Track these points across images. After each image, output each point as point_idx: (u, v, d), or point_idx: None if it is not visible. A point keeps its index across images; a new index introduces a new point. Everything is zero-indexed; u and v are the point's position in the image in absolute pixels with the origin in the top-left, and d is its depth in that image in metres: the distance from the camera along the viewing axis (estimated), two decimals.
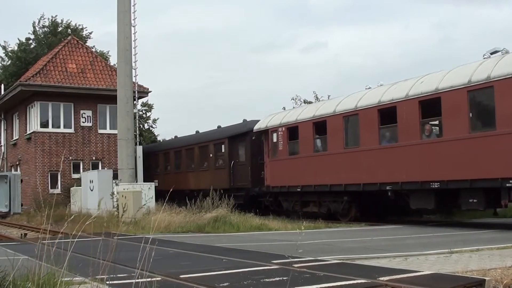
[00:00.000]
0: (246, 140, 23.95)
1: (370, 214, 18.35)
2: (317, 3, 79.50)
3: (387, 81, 18.01)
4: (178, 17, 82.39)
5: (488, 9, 67.35)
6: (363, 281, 6.08)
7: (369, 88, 18.25)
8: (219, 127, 27.69)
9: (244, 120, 25.29)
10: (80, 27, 44.14)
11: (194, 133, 30.49)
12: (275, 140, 21.75)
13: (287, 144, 21.11)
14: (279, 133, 21.47)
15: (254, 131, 22.97)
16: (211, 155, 26.06)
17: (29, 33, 43.41)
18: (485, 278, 6.02)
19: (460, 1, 69.68)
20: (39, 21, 43.57)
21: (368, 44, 71.05)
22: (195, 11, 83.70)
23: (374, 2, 74.76)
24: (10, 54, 42.65)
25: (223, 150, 25.14)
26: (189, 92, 78.69)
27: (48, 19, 43.82)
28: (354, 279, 6.13)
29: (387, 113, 16.50)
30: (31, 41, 42.99)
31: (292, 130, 20.85)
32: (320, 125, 19.34)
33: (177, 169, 29.49)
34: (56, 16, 44.02)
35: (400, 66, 64.24)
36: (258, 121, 23.61)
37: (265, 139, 22.38)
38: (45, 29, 43.59)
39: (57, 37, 42.02)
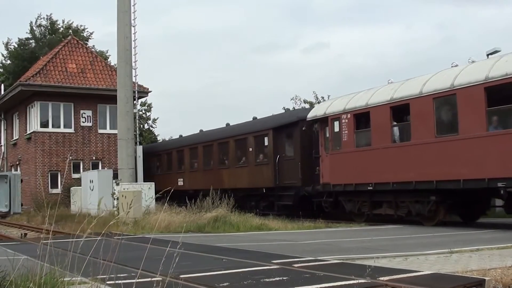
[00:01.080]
0: (295, 130, 20.62)
1: (461, 216, 16.38)
2: (320, 4, 79.62)
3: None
4: (181, 18, 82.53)
5: (490, 9, 67.45)
6: (363, 281, 6.09)
7: (456, 65, 15.36)
8: (254, 118, 25.36)
9: (287, 110, 22.79)
10: (82, 27, 44.24)
11: (224, 126, 27.92)
12: (337, 129, 18.19)
13: (353, 134, 17.63)
14: (343, 120, 17.92)
15: (307, 119, 19.58)
16: (250, 149, 22.93)
17: (26, 32, 43.50)
18: (485, 278, 6.02)
19: (462, 2, 69.76)
20: (36, 21, 43.62)
21: (370, 45, 71.21)
22: (198, 11, 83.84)
23: (376, 3, 74.85)
24: (11, 52, 42.73)
25: (266, 143, 21.95)
26: (191, 92, 78.84)
27: (45, 18, 43.86)
28: (354, 279, 6.13)
29: (497, 92, 13.48)
30: (30, 41, 43.04)
31: (361, 117, 17.53)
32: (400, 110, 16.29)
33: (207, 166, 26.43)
34: (51, 14, 44.11)
35: (402, 66, 64.27)
36: (307, 109, 20.60)
37: (321, 128, 19.11)
38: (42, 28, 43.59)
39: (56, 36, 42.09)
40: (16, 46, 42.54)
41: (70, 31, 42.82)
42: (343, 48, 73.82)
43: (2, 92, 33.44)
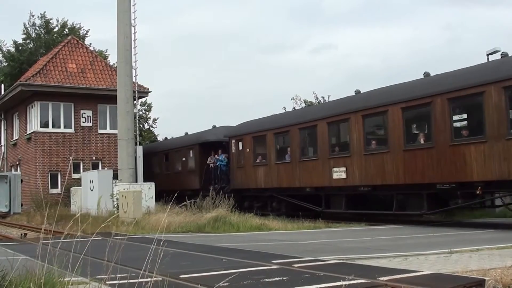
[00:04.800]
0: None
1: None
2: (328, 5, 79.69)
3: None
4: (189, 18, 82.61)
5: (497, 10, 67.55)
6: (363, 281, 6.08)
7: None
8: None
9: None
10: (78, 26, 44.21)
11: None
12: None
13: None
14: None
15: None
16: None
17: (22, 34, 43.39)
18: (485, 278, 6.03)
19: (469, 3, 69.86)
20: (29, 20, 43.59)
21: (377, 45, 71.16)
22: (206, 12, 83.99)
23: (383, 3, 74.90)
24: (6, 54, 42.69)
25: None
26: (196, 92, 78.85)
27: (38, 17, 43.81)
28: (354, 279, 6.12)
29: None
30: (27, 41, 43.01)
31: None
32: None
33: (412, 143, 15.64)
34: (45, 12, 44.04)
35: (408, 67, 64.13)
36: None
37: None
38: (37, 27, 43.51)
39: (51, 35, 42.00)
40: (13, 49, 42.48)
41: (66, 29, 42.81)
42: (350, 49, 73.93)
43: (2, 92, 33.44)
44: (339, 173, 17.46)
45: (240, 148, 22.85)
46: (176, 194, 11.71)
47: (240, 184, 22.60)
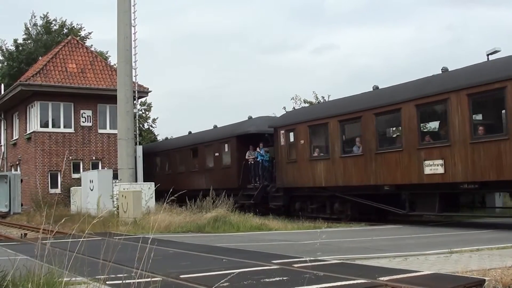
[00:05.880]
0: None
1: None
2: (331, 4, 79.72)
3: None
4: (191, 19, 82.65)
5: (500, 10, 67.59)
6: (363, 281, 6.08)
7: None
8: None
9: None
10: (79, 27, 44.17)
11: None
12: None
13: None
14: None
15: None
16: None
17: (23, 35, 43.33)
18: (485, 278, 6.02)
19: (471, 3, 69.94)
20: (30, 21, 43.56)
21: (379, 46, 71.11)
22: (208, 12, 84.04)
23: (385, 3, 74.93)
24: (6, 55, 42.69)
25: None
26: (198, 92, 78.88)
27: (41, 17, 43.76)
28: (354, 279, 6.12)
29: None
30: (29, 41, 42.99)
31: None
32: None
33: None
34: (48, 13, 43.98)
35: (409, 67, 64.09)
36: None
37: None
38: (38, 27, 43.44)
39: (51, 35, 41.94)
40: (13, 47, 42.48)
41: (65, 29, 42.77)
42: (352, 49, 73.94)
43: (2, 92, 33.44)
44: (434, 167, 13.97)
45: (292, 139, 19.23)
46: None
47: (291, 182, 19.35)
